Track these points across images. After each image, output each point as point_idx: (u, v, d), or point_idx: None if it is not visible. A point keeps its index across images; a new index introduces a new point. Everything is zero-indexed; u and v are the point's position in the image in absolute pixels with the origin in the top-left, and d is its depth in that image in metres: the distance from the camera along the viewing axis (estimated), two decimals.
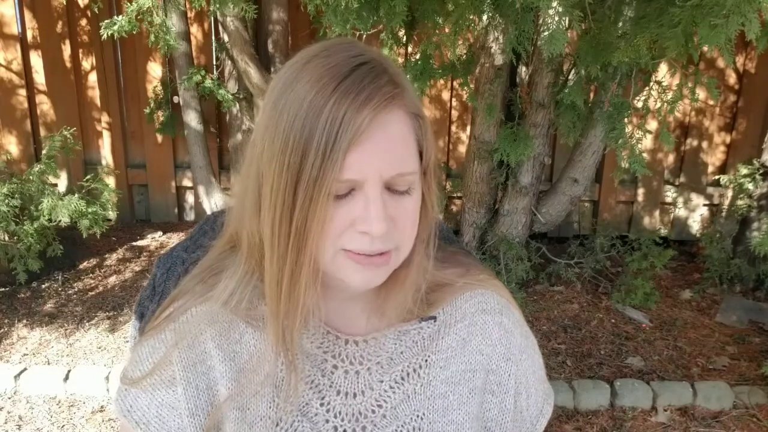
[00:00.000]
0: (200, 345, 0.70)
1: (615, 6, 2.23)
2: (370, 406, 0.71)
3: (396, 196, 0.62)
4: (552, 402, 0.82)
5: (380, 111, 0.58)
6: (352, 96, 0.57)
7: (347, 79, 0.58)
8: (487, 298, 0.77)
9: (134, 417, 0.71)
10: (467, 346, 0.75)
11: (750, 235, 3.31)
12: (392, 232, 0.62)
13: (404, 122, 0.61)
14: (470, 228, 3.26)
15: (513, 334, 0.77)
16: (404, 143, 0.61)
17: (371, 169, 0.59)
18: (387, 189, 0.61)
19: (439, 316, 0.75)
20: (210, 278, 0.72)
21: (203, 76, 3.39)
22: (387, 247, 0.63)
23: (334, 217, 0.61)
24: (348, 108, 0.57)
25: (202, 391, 0.70)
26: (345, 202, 0.61)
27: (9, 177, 2.89)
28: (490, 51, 2.79)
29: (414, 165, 0.62)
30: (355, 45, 0.63)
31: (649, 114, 2.64)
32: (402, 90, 0.61)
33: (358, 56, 0.60)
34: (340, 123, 0.57)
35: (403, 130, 0.61)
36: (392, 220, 0.62)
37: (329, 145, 0.57)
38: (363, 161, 0.58)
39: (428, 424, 0.72)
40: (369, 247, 0.61)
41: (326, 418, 0.71)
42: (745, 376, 2.62)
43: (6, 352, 2.66)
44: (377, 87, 0.58)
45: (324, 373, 0.71)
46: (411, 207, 0.64)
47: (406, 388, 0.72)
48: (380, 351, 0.73)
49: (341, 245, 0.62)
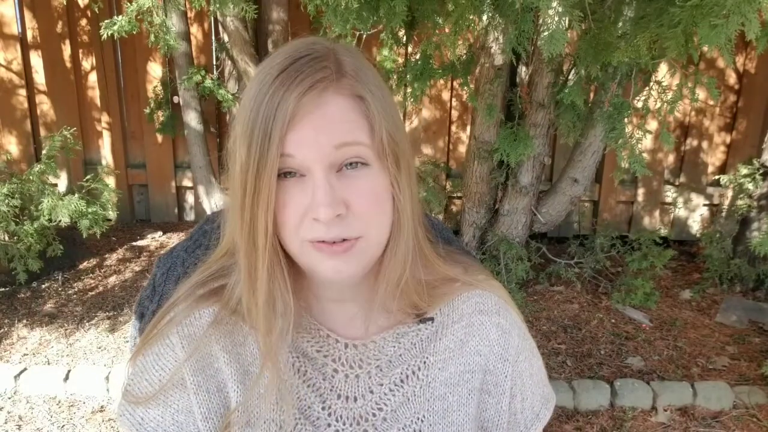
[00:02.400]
0: (206, 348, 0.70)
1: (615, 6, 2.23)
2: (370, 410, 0.72)
3: (349, 178, 0.62)
4: (551, 407, 0.81)
5: (315, 96, 0.60)
6: (287, 84, 0.60)
7: (285, 71, 0.60)
8: (485, 298, 0.77)
9: (147, 429, 0.69)
10: (465, 347, 0.75)
11: (750, 235, 3.31)
12: (349, 217, 0.62)
13: (343, 104, 0.61)
14: (470, 228, 3.26)
15: (510, 334, 0.77)
16: (344, 120, 0.61)
17: (310, 148, 0.60)
18: (337, 171, 0.62)
19: (437, 318, 0.74)
20: (211, 282, 0.72)
21: (203, 76, 3.39)
22: (346, 234, 0.62)
23: (288, 204, 0.62)
24: (283, 95, 0.59)
25: (213, 394, 0.70)
26: (296, 191, 0.61)
27: (9, 177, 2.89)
28: (490, 51, 2.79)
29: (360, 137, 0.62)
30: (309, 42, 0.64)
31: (649, 114, 2.64)
32: (342, 75, 0.61)
33: (302, 50, 0.62)
34: (276, 109, 0.59)
35: (341, 110, 0.61)
36: (346, 203, 0.61)
37: (267, 132, 0.59)
38: (300, 140, 0.60)
39: (429, 426, 0.72)
40: (325, 235, 0.62)
41: (328, 422, 0.71)
42: (745, 376, 2.62)
43: (6, 352, 2.66)
44: (312, 74, 0.60)
45: (325, 376, 0.72)
46: (366, 185, 0.62)
47: (405, 390, 0.72)
48: (379, 354, 0.73)
49: (302, 236, 0.63)
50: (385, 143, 0.62)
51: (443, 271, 0.74)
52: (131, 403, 0.70)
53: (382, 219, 0.65)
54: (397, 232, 0.67)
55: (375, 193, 0.63)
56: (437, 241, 0.77)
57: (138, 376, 0.71)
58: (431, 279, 0.74)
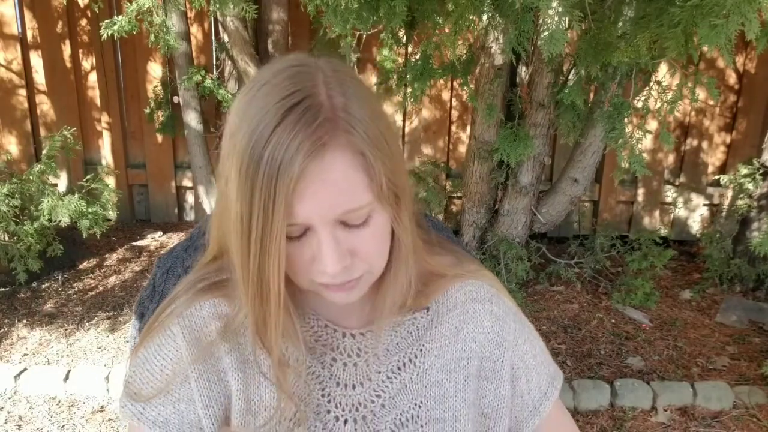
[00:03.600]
0: (207, 336, 0.71)
1: (615, 6, 2.23)
2: (369, 397, 0.74)
3: (353, 230, 0.62)
4: (559, 385, 0.83)
5: (314, 158, 0.57)
6: (286, 144, 0.57)
7: (281, 125, 0.57)
8: (477, 287, 0.79)
9: (149, 418, 0.70)
10: (460, 335, 0.77)
11: (750, 235, 3.31)
12: (355, 262, 0.64)
13: (343, 162, 0.58)
14: (470, 228, 3.26)
15: (505, 321, 0.79)
16: (346, 182, 0.59)
17: (314, 214, 0.59)
18: (342, 223, 0.61)
19: (432, 306, 0.77)
20: (210, 275, 0.74)
21: (203, 76, 3.39)
22: (353, 276, 0.64)
23: (295, 255, 0.63)
24: (283, 156, 0.57)
25: (213, 382, 0.71)
26: (302, 242, 0.62)
27: (9, 177, 2.89)
28: (490, 51, 2.79)
29: (364, 198, 0.60)
30: (287, 75, 0.60)
31: (649, 114, 2.64)
32: (338, 129, 0.58)
33: (292, 94, 0.59)
34: (278, 172, 0.57)
35: (343, 171, 0.59)
36: (352, 252, 0.63)
37: (271, 194, 0.58)
38: (305, 208, 0.59)
39: (426, 411, 0.74)
40: (331, 281, 0.64)
41: (328, 409, 0.73)
42: (745, 376, 2.62)
43: (6, 352, 2.66)
44: (308, 134, 0.57)
45: (324, 365, 0.74)
46: (372, 235, 0.63)
47: (402, 377, 0.75)
48: (376, 343, 0.75)
49: (311, 277, 0.65)
50: (385, 188, 0.61)
51: (436, 263, 0.77)
52: (133, 395, 0.71)
53: (384, 252, 0.67)
54: (397, 261, 0.69)
55: (378, 237, 0.64)
56: (429, 232, 0.79)
57: (140, 367, 0.72)
58: (424, 271, 0.76)
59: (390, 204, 0.63)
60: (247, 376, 0.71)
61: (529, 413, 0.80)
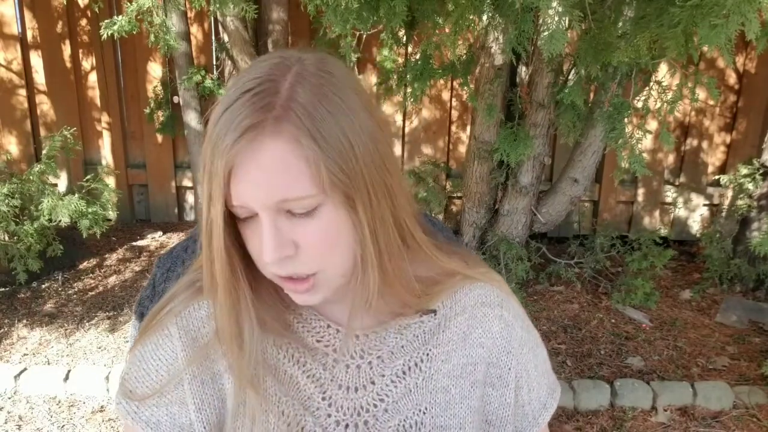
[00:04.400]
0: (204, 338, 0.70)
1: (615, 6, 2.23)
2: (371, 400, 0.72)
3: (297, 219, 0.61)
4: (557, 396, 0.82)
5: (247, 143, 0.58)
6: (227, 126, 0.58)
7: (230, 107, 0.59)
8: (487, 291, 0.77)
9: (143, 418, 0.70)
10: (468, 339, 0.75)
11: (750, 235, 3.31)
12: (301, 256, 0.62)
13: (279, 151, 0.58)
14: (470, 228, 3.26)
15: (513, 327, 0.77)
16: (283, 170, 0.58)
17: (250, 198, 0.59)
18: (288, 212, 0.60)
19: (440, 310, 0.75)
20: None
21: (203, 76, 3.39)
22: (298, 271, 0.62)
23: (249, 239, 0.63)
24: (224, 138, 0.58)
25: (207, 384, 0.70)
26: (253, 226, 0.62)
27: (9, 177, 2.89)
28: (490, 51, 2.79)
29: (305, 189, 0.59)
30: (270, 66, 0.61)
31: (649, 114, 2.64)
32: (285, 115, 0.58)
33: (253, 80, 0.60)
34: (218, 153, 0.59)
35: (280, 157, 0.58)
36: (295, 244, 0.61)
37: (212, 174, 0.60)
38: (241, 190, 0.59)
39: (431, 418, 0.72)
40: (278, 271, 0.63)
41: (328, 413, 0.71)
42: (745, 376, 2.62)
43: (6, 352, 2.66)
44: (250, 115, 0.58)
45: (325, 367, 0.72)
46: (317, 229, 0.61)
47: (407, 382, 0.72)
48: (381, 345, 0.73)
49: (263, 267, 0.64)
50: (329, 185, 0.59)
51: (444, 265, 0.75)
52: (128, 392, 0.71)
53: (338, 254, 0.64)
54: (362, 261, 0.65)
55: (326, 232, 0.62)
56: (437, 235, 0.77)
57: (136, 365, 0.72)
58: (432, 274, 0.74)
59: (342, 203, 0.61)
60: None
61: (528, 424, 0.79)
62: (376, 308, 0.71)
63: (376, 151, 0.63)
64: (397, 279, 0.68)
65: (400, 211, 0.66)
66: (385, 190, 0.64)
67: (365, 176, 0.61)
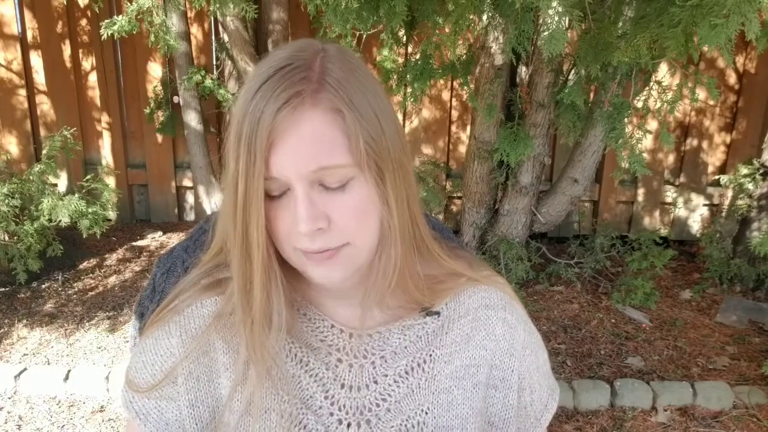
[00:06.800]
0: (205, 336, 0.71)
1: (615, 6, 2.23)
2: (374, 400, 0.72)
3: (330, 193, 0.62)
4: (557, 397, 0.83)
5: (289, 112, 0.59)
6: (266, 98, 0.60)
7: (266, 82, 0.61)
8: (491, 293, 0.78)
9: (134, 408, 0.72)
10: (471, 342, 0.75)
11: (750, 235, 3.31)
12: (333, 230, 0.63)
13: (319, 120, 0.60)
14: (470, 228, 3.26)
15: (516, 329, 0.78)
16: (320, 139, 0.60)
17: (289, 168, 0.60)
18: (320, 185, 0.62)
19: (443, 312, 0.75)
20: (215, 272, 0.73)
21: (203, 76, 3.39)
22: (330, 244, 0.63)
23: (278, 217, 0.63)
24: (263, 110, 0.59)
25: (203, 382, 0.71)
26: (284, 204, 0.63)
27: (9, 177, 2.89)
28: (490, 51, 2.79)
29: (341, 158, 0.61)
30: (298, 48, 0.64)
31: (649, 114, 2.64)
32: (322, 87, 0.60)
33: (287, 57, 0.62)
34: (257, 125, 0.60)
35: (320, 125, 0.60)
36: (328, 217, 0.62)
37: (251, 147, 0.60)
38: (280, 161, 0.60)
39: (433, 419, 0.73)
40: (310, 245, 0.63)
41: (331, 411, 0.71)
42: (745, 376, 2.62)
43: (6, 352, 2.66)
44: (289, 87, 0.60)
45: (328, 366, 0.72)
46: (350, 203, 0.63)
47: (410, 382, 0.73)
48: (384, 345, 0.73)
49: (293, 244, 0.64)
50: (365, 156, 0.62)
51: (449, 266, 0.75)
52: (129, 382, 0.73)
53: (368, 228, 0.65)
54: (384, 238, 0.67)
55: (358, 206, 0.63)
56: (441, 238, 0.78)
57: (137, 357, 0.73)
58: (436, 273, 0.75)
59: (373, 177, 0.63)
60: (246, 378, 0.70)
61: (531, 425, 0.80)
62: (385, 303, 0.72)
63: (397, 132, 0.66)
64: (408, 270, 0.69)
65: (411, 198, 0.68)
66: (404, 172, 0.66)
67: (392, 154, 0.64)
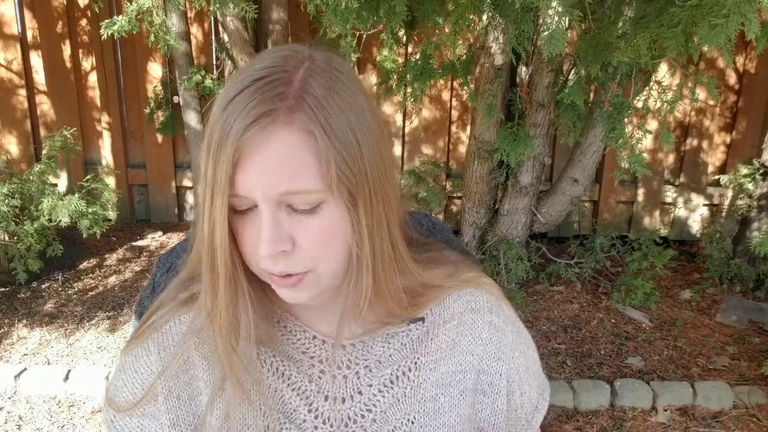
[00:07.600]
0: (183, 354, 0.69)
1: (615, 6, 2.23)
2: (359, 411, 0.70)
3: (299, 215, 0.59)
4: (548, 396, 0.81)
5: (259, 131, 0.56)
6: (237, 111, 0.57)
7: (240, 93, 0.57)
8: (476, 297, 0.75)
9: (116, 427, 0.71)
10: (457, 347, 0.73)
11: (750, 235, 3.31)
12: (297, 253, 0.60)
13: (290, 141, 0.57)
14: (470, 228, 3.26)
15: (504, 332, 0.75)
16: (292, 161, 0.57)
17: (255, 187, 0.57)
18: (288, 207, 0.59)
19: (428, 318, 0.73)
20: (192, 285, 0.71)
21: (203, 76, 3.39)
22: (291, 269, 0.61)
23: (245, 233, 0.61)
24: (232, 125, 0.56)
25: (183, 401, 0.69)
26: (250, 220, 0.60)
27: (9, 177, 2.89)
28: (490, 51, 2.79)
29: (311, 183, 0.57)
30: (282, 57, 0.60)
31: (649, 114, 2.64)
32: (298, 105, 0.57)
33: (268, 68, 0.59)
34: (225, 140, 0.57)
35: (290, 147, 0.57)
36: (293, 240, 0.60)
37: (217, 162, 0.57)
38: (248, 180, 0.57)
39: (419, 428, 0.71)
40: (272, 267, 0.61)
41: (315, 425, 0.69)
42: (745, 376, 2.62)
43: (6, 352, 2.66)
44: (262, 103, 0.56)
45: (311, 378, 0.70)
46: (317, 227, 0.60)
47: (395, 391, 0.71)
48: (368, 354, 0.72)
49: (257, 261, 0.62)
50: (335, 181, 0.58)
51: (424, 281, 0.72)
52: (109, 400, 0.72)
53: (333, 254, 0.62)
54: (353, 265, 0.64)
55: (326, 231, 0.60)
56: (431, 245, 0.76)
57: (117, 374, 0.72)
58: (415, 286, 0.72)
59: (344, 203, 0.60)
60: (226, 394, 0.67)
61: (522, 427, 0.78)
62: (364, 318, 0.70)
63: (380, 154, 0.62)
64: (387, 288, 0.67)
65: (392, 221, 0.65)
66: (383, 195, 0.63)
67: (369, 177, 0.61)
